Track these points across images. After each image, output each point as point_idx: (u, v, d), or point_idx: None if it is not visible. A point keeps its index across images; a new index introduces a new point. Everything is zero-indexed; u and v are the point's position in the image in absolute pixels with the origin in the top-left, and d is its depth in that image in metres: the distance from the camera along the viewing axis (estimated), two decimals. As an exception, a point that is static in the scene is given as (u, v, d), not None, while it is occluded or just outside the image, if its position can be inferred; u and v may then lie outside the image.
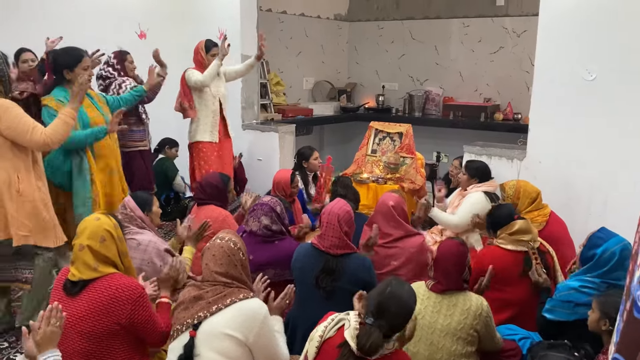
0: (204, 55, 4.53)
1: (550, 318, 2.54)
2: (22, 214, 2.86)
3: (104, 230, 2.20)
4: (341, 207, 2.56)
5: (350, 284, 2.49)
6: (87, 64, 3.31)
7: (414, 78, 7.51)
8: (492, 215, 3.04)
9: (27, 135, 2.80)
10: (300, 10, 7.13)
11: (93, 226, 2.20)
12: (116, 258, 2.24)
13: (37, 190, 2.95)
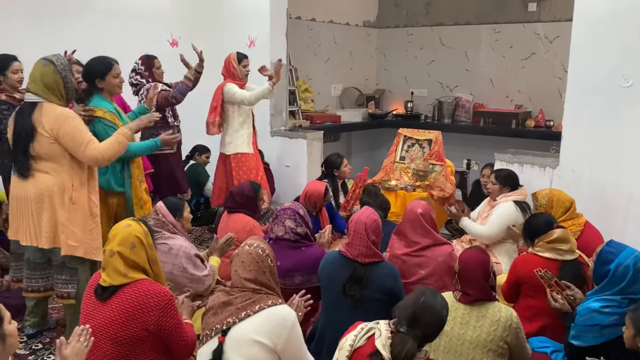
0: (235, 66, 4.53)
1: (577, 345, 2.39)
2: (73, 223, 2.86)
3: (134, 237, 2.22)
4: (368, 216, 2.54)
5: (378, 292, 2.48)
6: (118, 71, 3.34)
7: (443, 84, 7.45)
8: (530, 224, 2.97)
9: (81, 147, 2.82)
10: (329, 18, 7.16)
11: (124, 233, 2.22)
12: (146, 264, 2.25)
13: (90, 203, 2.95)
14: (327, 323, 2.57)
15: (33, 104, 2.80)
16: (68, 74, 2.86)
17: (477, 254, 2.44)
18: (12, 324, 1.79)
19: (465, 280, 2.40)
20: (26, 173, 2.80)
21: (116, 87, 3.37)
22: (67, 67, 2.87)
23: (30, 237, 2.85)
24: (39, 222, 2.83)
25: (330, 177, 4.54)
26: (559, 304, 2.57)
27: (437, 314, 1.92)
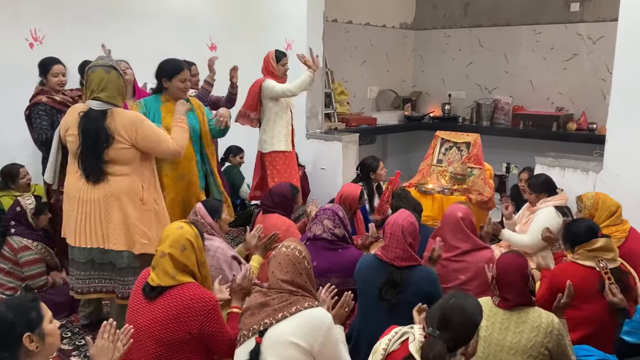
0: (274, 65, 4.55)
1: (629, 341, 2.38)
2: (144, 222, 2.90)
3: (186, 239, 2.26)
4: (405, 219, 2.52)
5: (415, 296, 2.45)
6: (185, 76, 3.35)
7: (482, 86, 7.34)
8: (570, 230, 2.89)
9: (162, 145, 2.89)
10: (365, 20, 7.15)
11: (176, 234, 2.26)
12: (194, 267, 2.28)
13: (155, 202, 3.00)
14: (363, 326, 2.57)
15: (103, 112, 2.80)
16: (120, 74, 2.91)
17: (515, 258, 2.39)
18: (52, 323, 1.83)
19: (504, 285, 2.36)
20: (100, 178, 2.82)
21: (180, 92, 3.38)
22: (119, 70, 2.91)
23: (97, 239, 2.86)
24: (107, 224, 2.85)
25: (365, 180, 4.52)
26: (617, 298, 2.50)
27: (468, 316, 1.87)
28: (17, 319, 1.72)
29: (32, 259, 3.37)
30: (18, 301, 1.83)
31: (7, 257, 3.36)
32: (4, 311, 1.73)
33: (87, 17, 4.65)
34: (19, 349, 1.72)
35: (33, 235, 3.43)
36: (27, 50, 4.40)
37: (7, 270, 3.35)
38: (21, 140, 4.32)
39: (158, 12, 5.14)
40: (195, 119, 3.49)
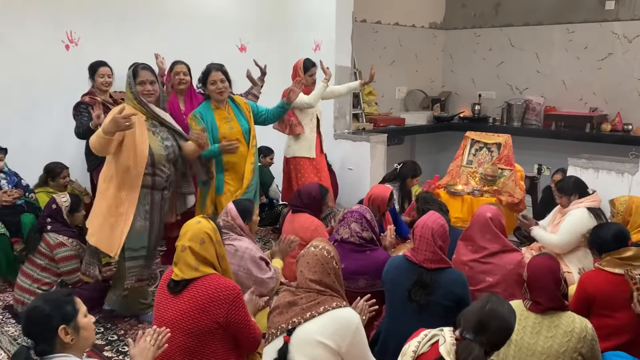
0: (302, 75, 4.56)
1: None
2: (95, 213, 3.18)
3: (204, 233, 2.31)
4: (435, 221, 2.50)
5: (444, 298, 2.43)
6: (214, 78, 3.47)
7: (512, 86, 7.23)
8: (598, 235, 2.82)
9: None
10: (394, 20, 7.12)
11: (194, 229, 2.32)
12: (214, 260, 2.34)
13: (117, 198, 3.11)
14: (391, 327, 2.55)
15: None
16: (129, 81, 3.11)
17: (547, 261, 2.36)
18: (87, 317, 1.90)
19: (535, 289, 2.32)
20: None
21: (213, 94, 3.52)
22: (129, 77, 3.10)
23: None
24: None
25: (402, 182, 4.51)
26: None
27: (505, 321, 1.87)
28: (53, 311, 1.80)
29: (68, 255, 3.44)
30: (54, 295, 1.91)
31: (44, 253, 3.44)
32: (41, 304, 1.81)
33: (120, 19, 4.75)
34: (54, 341, 1.79)
35: (68, 232, 3.50)
36: (63, 52, 4.52)
37: (43, 266, 3.43)
38: (58, 138, 4.45)
39: (190, 13, 5.21)
40: (243, 118, 3.69)
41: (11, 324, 3.36)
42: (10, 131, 4.15)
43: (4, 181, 3.88)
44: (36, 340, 1.77)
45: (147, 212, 3.13)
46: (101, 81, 3.96)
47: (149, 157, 3.04)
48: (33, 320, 1.79)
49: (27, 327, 1.80)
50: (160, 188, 3.16)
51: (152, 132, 3.10)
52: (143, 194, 3.08)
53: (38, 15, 4.37)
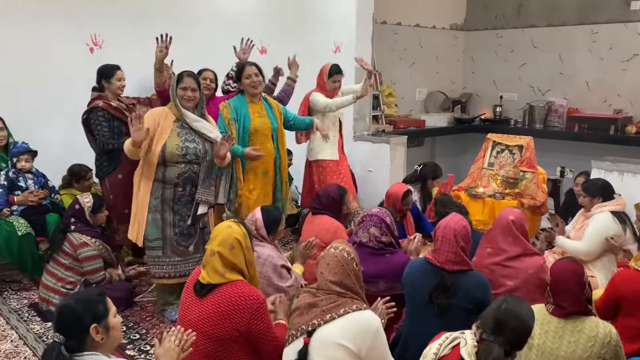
0: (325, 80, 4.58)
1: None
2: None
3: (234, 238, 2.30)
4: (457, 222, 2.48)
5: (466, 302, 2.41)
6: (248, 72, 3.73)
7: (535, 88, 7.15)
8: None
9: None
10: (415, 21, 7.10)
11: (224, 234, 2.31)
12: (243, 266, 2.33)
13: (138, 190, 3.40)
14: (412, 330, 2.54)
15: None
16: (172, 84, 3.31)
17: (571, 264, 2.33)
18: (116, 317, 1.93)
19: (559, 292, 2.29)
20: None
21: (249, 88, 3.78)
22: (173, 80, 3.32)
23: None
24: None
25: (422, 183, 4.49)
26: None
27: (522, 320, 1.88)
28: (85, 311, 1.83)
29: (91, 254, 3.49)
30: (85, 295, 1.95)
31: (68, 252, 3.49)
32: (73, 304, 1.84)
33: (142, 24, 4.80)
34: (85, 339, 1.83)
35: (91, 232, 3.56)
36: (87, 55, 4.59)
37: (67, 265, 3.49)
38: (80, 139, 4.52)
39: (211, 17, 5.25)
40: (273, 116, 3.88)
41: (36, 322, 3.43)
42: (33, 131, 4.22)
43: (31, 181, 3.95)
44: (67, 336, 1.80)
45: (157, 204, 3.28)
46: (119, 85, 3.90)
47: (161, 153, 3.20)
48: (65, 318, 1.82)
49: (59, 324, 1.83)
50: (172, 184, 3.27)
51: (176, 132, 3.25)
52: (155, 187, 3.27)
53: (65, 19, 4.45)
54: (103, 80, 3.90)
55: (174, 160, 3.23)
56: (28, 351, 3.08)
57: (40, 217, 3.89)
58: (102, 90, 3.90)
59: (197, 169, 3.31)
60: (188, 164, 3.27)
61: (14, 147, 3.90)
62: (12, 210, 3.82)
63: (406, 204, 3.87)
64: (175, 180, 3.27)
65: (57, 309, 1.86)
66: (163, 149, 3.20)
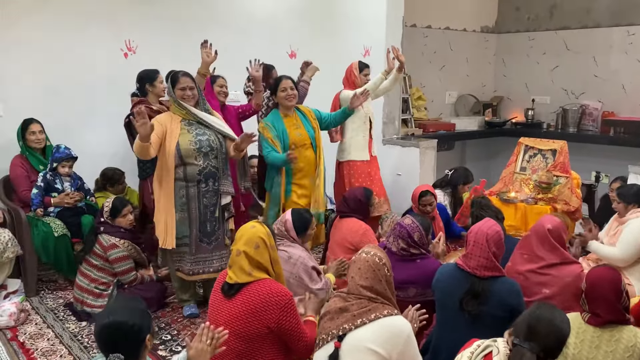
0: (357, 75, 4.58)
1: None
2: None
3: (259, 237, 2.34)
4: (491, 227, 2.44)
5: (497, 308, 2.37)
6: (284, 85, 3.79)
7: (568, 91, 7.00)
8: None
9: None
10: (445, 24, 7.04)
11: (249, 234, 2.35)
12: (268, 264, 2.36)
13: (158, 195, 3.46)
14: (442, 337, 2.51)
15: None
16: (169, 86, 3.40)
17: (607, 272, 2.28)
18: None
19: (594, 300, 2.24)
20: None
21: (284, 100, 3.82)
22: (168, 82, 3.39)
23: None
24: None
25: (453, 188, 4.44)
26: None
27: (554, 325, 1.83)
28: (143, 323, 1.83)
29: (120, 256, 3.55)
30: (133, 305, 1.92)
31: (98, 254, 3.56)
32: (130, 319, 1.80)
33: (175, 28, 4.89)
34: (141, 351, 1.84)
35: (119, 233, 3.62)
36: (122, 60, 4.69)
37: (99, 267, 3.56)
38: (114, 143, 4.63)
39: (241, 21, 5.31)
40: (309, 125, 3.92)
41: (72, 321, 3.51)
42: (70, 134, 4.33)
43: (67, 184, 4.05)
44: (126, 353, 1.77)
45: (183, 203, 3.35)
46: (162, 87, 4.03)
47: (177, 152, 3.27)
48: (126, 335, 1.78)
49: (116, 342, 1.78)
50: (195, 181, 3.34)
51: (186, 130, 3.33)
52: (178, 187, 3.33)
53: (100, 25, 4.56)
54: (147, 84, 4.02)
55: (191, 156, 3.30)
56: (64, 350, 3.15)
57: (76, 218, 3.98)
58: (144, 94, 4.03)
59: (216, 163, 3.40)
60: (206, 159, 3.35)
61: (57, 151, 4.00)
62: (49, 211, 3.93)
63: (423, 204, 3.85)
64: (197, 177, 3.34)
65: (111, 327, 1.79)
66: (178, 148, 3.28)
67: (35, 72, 4.31)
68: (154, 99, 4.04)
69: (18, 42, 4.23)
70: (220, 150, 3.42)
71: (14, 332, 3.34)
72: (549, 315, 1.84)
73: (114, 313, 1.83)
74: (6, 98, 4.23)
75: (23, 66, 4.26)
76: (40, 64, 4.33)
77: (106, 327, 1.79)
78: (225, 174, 3.50)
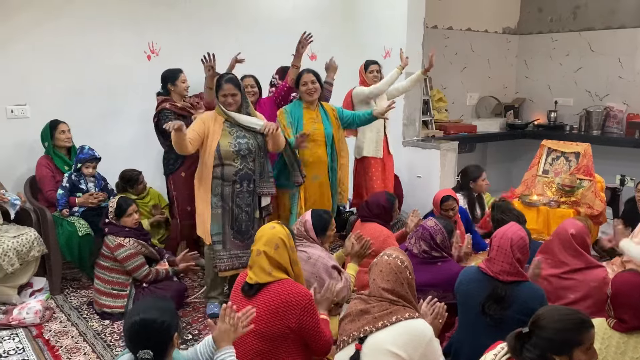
0: (363, 74, 4.63)
1: None
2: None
3: (278, 238, 2.36)
4: (515, 232, 2.42)
5: (520, 313, 2.34)
6: (305, 79, 3.82)
7: (592, 93, 6.90)
8: None
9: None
10: (466, 26, 6.99)
11: (269, 234, 2.37)
12: (288, 265, 2.38)
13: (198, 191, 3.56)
14: (464, 340, 2.50)
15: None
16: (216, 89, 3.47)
17: (633, 277, 2.24)
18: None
19: (620, 306, 2.21)
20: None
21: (304, 95, 3.87)
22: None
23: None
24: None
25: (466, 189, 4.40)
26: None
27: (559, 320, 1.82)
28: (172, 322, 1.87)
29: (128, 254, 3.54)
30: (162, 304, 1.95)
31: (106, 255, 3.56)
32: (160, 317, 1.84)
33: (197, 30, 4.95)
34: (168, 349, 1.88)
35: (124, 232, 3.62)
36: (145, 62, 4.75)
37: (110, 268, 3.56)
38: (136, 143, 4.69)
39: (264, 24, 5.35)
40: (328, 123, 3.92)
41: (95, 319, 3.56)
42: (94, 135, 4.40)
43: (91, 184, 4.12)
44: (155, 350, 1.81)
45: (218, 201, 3.42)
46: (184, 86, 4.17)
47: (216, 152, 3.36)
48: (155, 332, 1.82)
49: (145, 339, 1.82)
50: (230, 181, 3.41)
51: (227, 132, 3.40)
52: (214, 184, 3.41)
53: (123, 28, 4.62)
54: (169, 84, 4.15)
55: (229, 157, 3.37)
56: (87, 347, 3.20)
57: (99, 218, 4.02)
58: (168, 94, 4.16)
59: (252, 166, 3.45)
60: (243, 161, 3.41)
61: (81, 152, 4.07)
62: (74, 211, 4.00)
63: (445, 209, 3.82)
64: (233, 177, 3.41)
65: (140, 325, 1.83)
66: (217, 149, 3.35)
67: (60, 75, 4.39)
68: (177, 97, 4.15)
69: (43, 46, 4.30)
70: (259, 154, 3.46)
71: (40, 330, 3.40)
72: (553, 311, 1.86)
73: (145, 311, 1.87)
74: (32, 101, 4.31)
75: (48, 69, 4.34)
76: (65, 66, 4.40)
77: (136, 324, 1.83)
78: (266, 175, 3.52)
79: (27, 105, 4.30)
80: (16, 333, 3.36)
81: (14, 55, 4.21)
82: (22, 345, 3.22)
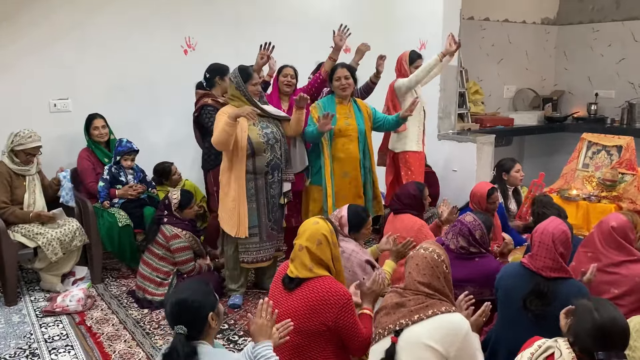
0: (406, 67, 4.53)
1: None
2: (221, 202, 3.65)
3: (321, 234, 2.35)
4: (557, 226, 2.37)
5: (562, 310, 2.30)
6: (339, 74, 3.81)
7: (635, 85, 6.69)
8: None
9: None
10: (504, 17, 6.86)
11: (312, 229, 2.37)
12: (329, 261, 2.37)
13: (229, 186, 3.54)
14: (502, 336, 2.46)
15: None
16: (236, 81, 3.50)
17: None
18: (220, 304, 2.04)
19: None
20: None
21: (338, 90, 3.85)
22: (236, 78, 3.48)
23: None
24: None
25: (499, 181, 4.33)
26: None
27: (623, 322, 1.76)
28: (205, 301, 1.94)
29: (182, 246, 3.67)
30: (196, 286, 2.02)
31: (161, 243, 3.69)
32: (191, 296, 1.92)
33: (233, 25, 5.00)
34: (204, 328, 1.93)
35: (181, 224, 3.74)
36: (181, 56, 4.83)
37: (161, 256, 3.69)
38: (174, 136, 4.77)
39: (299, 19, 5.37)
40: (361, 119, 3.89)
41: (134, 308, 3.66)
42: (133, 128, 4.51)
43: (131, 176, 4.22)
44: (189, 327, 1.88)
45: (252, 194, 3.49)
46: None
47: (249, 146, 3.42)
48: (188, 309, 1.89)
49: (180, 316, 1.89)
50: (263, 173, 3.48)
51: (252, 123, 3.45)
52: (247, 179, 3.46)
53: (161, 23, 4.71)
54: (218, 76, 4.11)
55: (261, 149, 3.44)
56: (127, 335, 3.29)
57: (139, 210, 4.14)
58: (210, 85, 4.12)
59: (280, 154, 3.55)
60: (272, 151, 3.49)
61: (119, 145, 4.17)
62: (114, 202, 4.10)
63: (492, 202, 3.76)
64: (265, 168, 3.48)
65: (175, 303, 1.91)
66: (250, 141, 3.42)
67: (101, 70, 4.51)
68: (220, 92, 4.12)
69: (85, 42, 4.43)
70: (283, 142, 3.59)
71: (82, 317, 3.51)
72: (613, 313, 1.77)
73: (179, 292, 1.98)
74: (75, 95, 4.44)
75: (90, 64, 4.46)
76: (106, 61, 4.52)
77: (172, 304, 1.93)
78: (289, 162, 3.67)
79: (69, 99, 4.43)
80: (60, 320, 3.48)
81: (58, 51, 4.34)
82: (66, 332, 3.33)
